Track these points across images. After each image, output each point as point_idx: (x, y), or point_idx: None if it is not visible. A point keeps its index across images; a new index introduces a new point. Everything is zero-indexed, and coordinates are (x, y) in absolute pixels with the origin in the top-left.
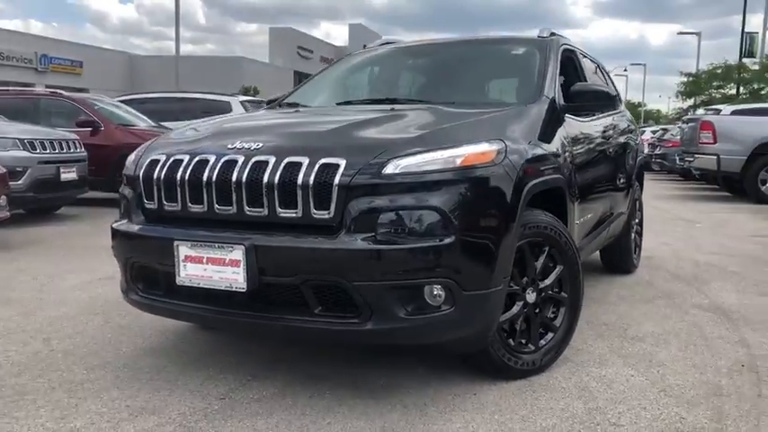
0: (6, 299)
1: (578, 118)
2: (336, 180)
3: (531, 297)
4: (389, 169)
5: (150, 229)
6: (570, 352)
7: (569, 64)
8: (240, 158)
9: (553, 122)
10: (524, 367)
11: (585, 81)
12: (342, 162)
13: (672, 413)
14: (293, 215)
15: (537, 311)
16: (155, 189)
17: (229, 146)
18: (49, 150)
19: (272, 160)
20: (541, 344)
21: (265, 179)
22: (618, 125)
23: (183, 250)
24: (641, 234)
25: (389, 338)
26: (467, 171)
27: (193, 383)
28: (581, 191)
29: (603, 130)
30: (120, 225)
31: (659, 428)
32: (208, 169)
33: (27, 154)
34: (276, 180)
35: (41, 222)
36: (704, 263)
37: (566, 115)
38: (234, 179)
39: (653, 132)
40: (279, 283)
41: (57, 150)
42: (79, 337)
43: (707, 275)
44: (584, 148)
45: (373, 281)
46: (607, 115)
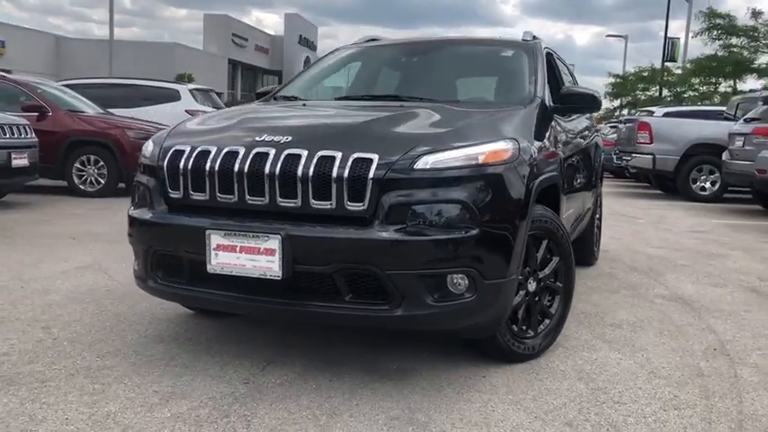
0: None
1: (563, 118)
2: (371, 174)
3: (531, 286)
4: (420, 165)
5: (177, 218)
6: (560, 338)
7: (549, 66)
8: (271, 151)
9: (546, 122)
10: (526, 352)
11: (563, 82)
12: (374, 157)
13: (665, 392)
14: (327, 206)
15: (536, 300)
16: (180, 179)
17: (257, 138)
18: None
19: (304, 154)
20: (540, 329)
21: (299, 172)
22: (589, 125)
23: (216, 239)
24: (600, 228)
25: (416, 324)
26: (488, 167)
27: (213, 369)
28: (567, 187)
29: (581, 129)
30: (141, 213)
31: (658, 405)
32: (239, 161)
33: None
34: (310, 173)
35: None
36: (656, 256)
37: (554, 115)
38: (267, 171)
39: None
40: (312, 271)
41: (7, 136)
42: (78, 325)
43: (661, 268)
44: (568, 146)
45: (405, 269)
46: (579, 116)
